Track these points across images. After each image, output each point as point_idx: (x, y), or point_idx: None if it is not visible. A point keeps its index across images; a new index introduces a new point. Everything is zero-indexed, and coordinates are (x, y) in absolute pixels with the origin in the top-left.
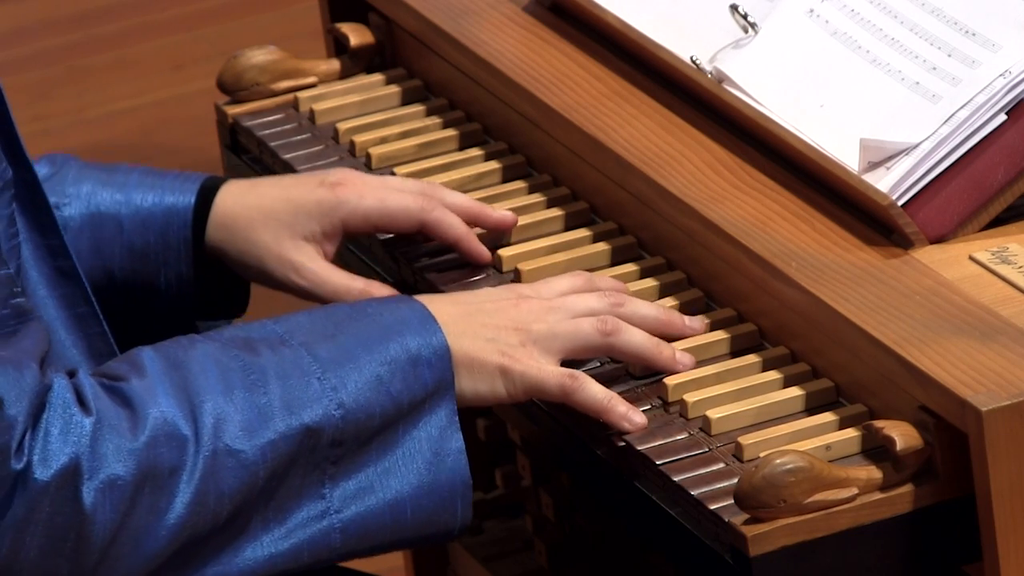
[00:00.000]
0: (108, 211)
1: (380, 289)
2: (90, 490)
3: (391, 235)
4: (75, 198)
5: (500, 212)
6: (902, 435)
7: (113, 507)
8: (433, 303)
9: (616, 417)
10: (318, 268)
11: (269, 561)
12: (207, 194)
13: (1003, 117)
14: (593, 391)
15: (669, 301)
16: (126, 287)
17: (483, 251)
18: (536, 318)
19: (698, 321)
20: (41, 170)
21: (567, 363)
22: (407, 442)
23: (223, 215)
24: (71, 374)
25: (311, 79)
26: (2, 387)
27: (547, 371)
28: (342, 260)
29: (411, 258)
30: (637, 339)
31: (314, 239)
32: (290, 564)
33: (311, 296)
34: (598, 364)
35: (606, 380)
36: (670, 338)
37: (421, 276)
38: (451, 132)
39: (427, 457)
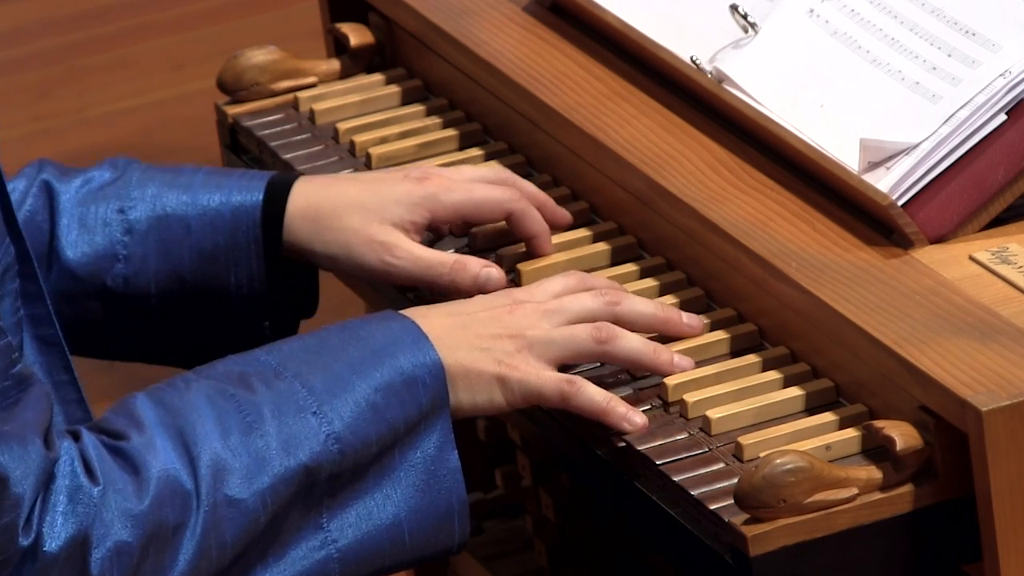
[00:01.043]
0: (175, 213)
1: (472, 261)
2: (97, 559)
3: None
4: (140, 201)
5: (562, 210)
6: (902, 435)
7: (120, 573)
8: (426, 317)
9: (616, 419)
10: (411, 247)
11: None
12: (275, 191)
13: (1003, 117)
14: (591, 395)
15: (669, 299)
16: (196, 290)
17: (551, 251)
18: (531, 324)
19: (696, 319)
20: (104, 174)
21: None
22: (403, 466)
23: (305, 208)
24: (75, 436)
25: (311, 79)
26: (7, 465)
27: (544, 377)
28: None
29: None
30: (633, 344)
31: (402, 226)
32: None
33: (405, 277)
34: (598, 364)
35: (606, 381)
36: (668, 336)
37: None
38: (451, 132)
39: (423, 479)
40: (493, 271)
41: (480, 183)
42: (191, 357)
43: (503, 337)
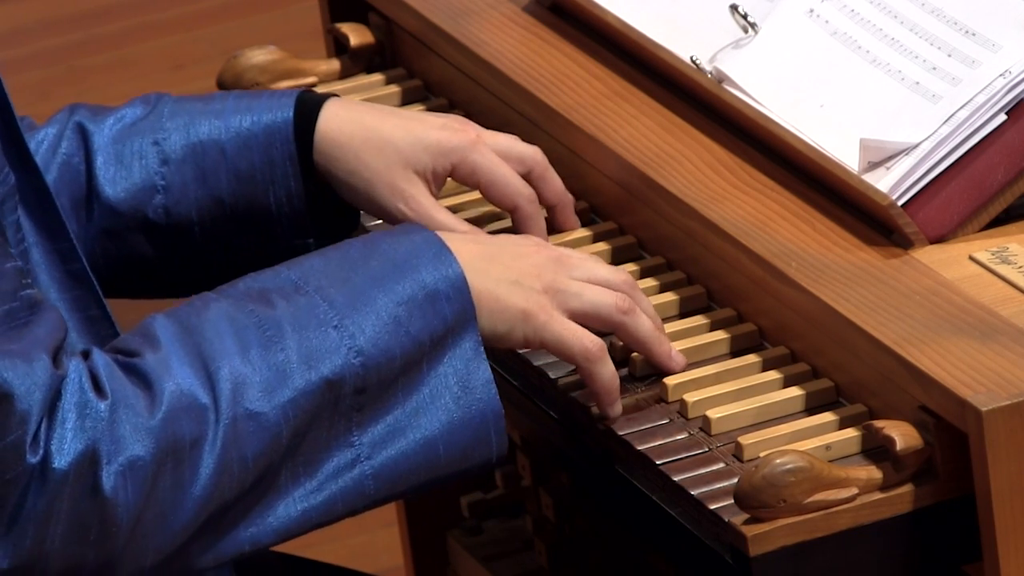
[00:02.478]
0: (209, 139)
1: (484, 236)
2: (109, 475)
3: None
4: (174, 131)
5: (574, 217)
6: (902, 435)
7: (135, 488)
8: (453, 240)
9: (608, 402)
10: (428, 203)
11: (303, 516)
12: (306, 107)
13: (1003, 117)
14: (608, 373)
15: (670, 295)
16: (237, 213)
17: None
18: (556, 270)
19: (683, 358)
20: (136, 110)
21: None
22: (432, 379)
23: (335, 132)
24: (85, 355)
25: (311, 79)
26: (12, 382)
27: (572, 328)
28: None
29: None
30: (646, 325)
31: (424, 176)
32: (324, 517)
33: None
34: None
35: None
36: (653, 356)
37: None
38: None
39: (454, 392)
40: None
41: (506, 166)
42: None
43: (531, 275)
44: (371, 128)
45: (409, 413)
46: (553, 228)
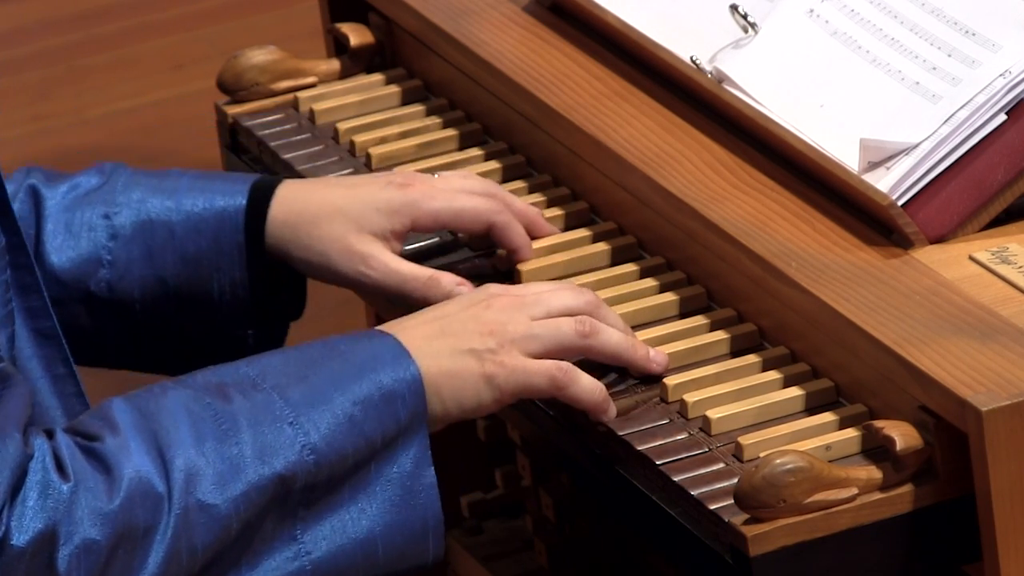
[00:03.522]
0: (159, 218)
1: (446, 278)
2: (64, 556)
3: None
4: (125, 206)
5: (549, 226)
6: (902, 435)
7: (87, 572)
8: (405, 329)
9: (600, 411)
10: (387, 259)
11: None
12: (259, 194)
13: (1003, 117)
14: (585, 385)
15: (669, 295)
16: (179, 295)
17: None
18: (510, 317)
19: (663, 356)
20: (91, 180)
21: None
22: (379, 480)
23: (286, 213)
24: (49, 434)
25: (311, 79)
26: None
27: (532, 367)
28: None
29: None
30: (615, 339)
31: (382, 235)
32: None
33: (379, 288)
34: (598, 364)
35: (602, 378)
36: (631, 364)
37: None
38: (451, 132)
39: (399, 494)
40: (465, 288)
41: (464, 192)
42: (176, 364)
43: (484, 335)
44: (319, 203)
45: (353, 513)
46: (533, 239)
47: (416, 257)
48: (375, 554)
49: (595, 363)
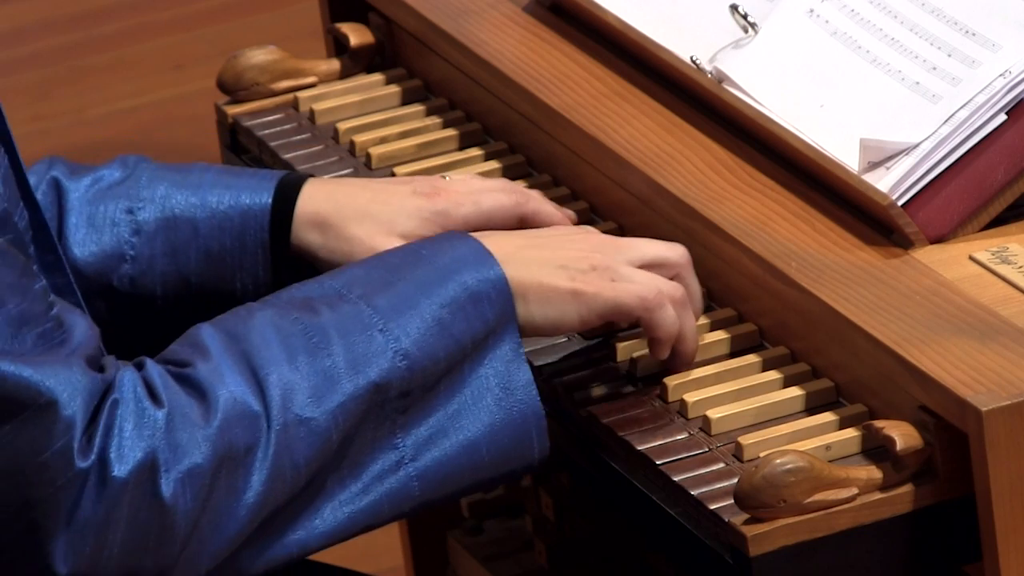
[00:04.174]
0: (183, 214)
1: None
2: (169, 482)
3: None
4: (149, 202)
5: (567, 211)
6: (902, 435)
7: (193, 496)
8: (495, 238)
9: (685, 354)
10: None
11: (349, 519)
12: (285, 192)
13: (1003, 117)
14: (670, 315)
15: None
16: (202, 292)
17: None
18: (605, 252)
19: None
20: (114, 173)
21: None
22: (474, 381)
23: (313, 213)
24: (139, 366)
25: (311, 79)
26: (55, 389)
27: (622, 288)
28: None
29: None
30: (691, 324)
31: (410, 239)
32: (370, 519)
33: None
34: (598, 364)
35: (604, 378)
36: (679, 354)
37: None
38: (451, 132)
39: (496, 393)
40: None
41: (487, 192)
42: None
43: (578, 259)
44: (346, 205)
45: (451, 415)
46: None
47: None
48: (479, 456)
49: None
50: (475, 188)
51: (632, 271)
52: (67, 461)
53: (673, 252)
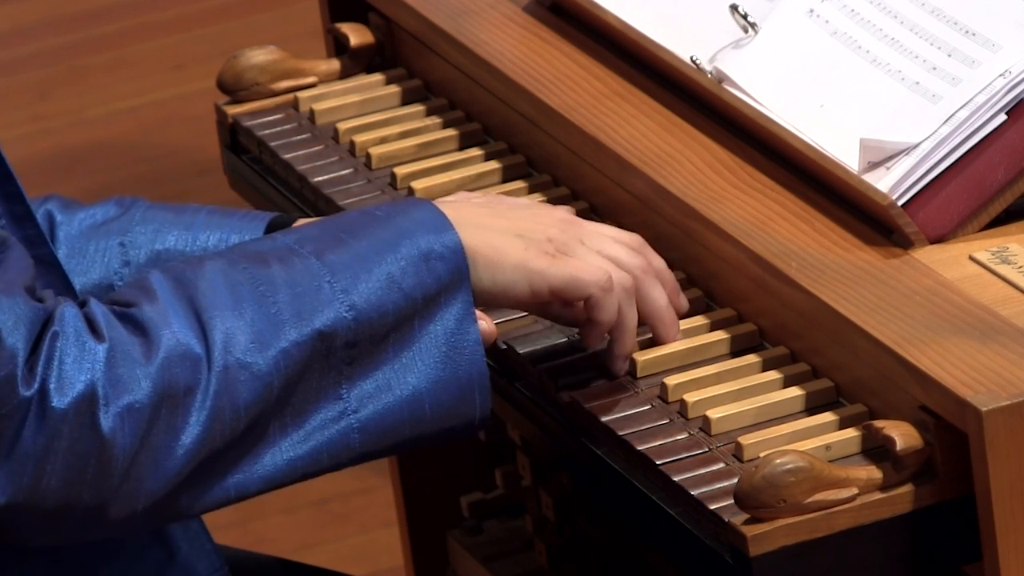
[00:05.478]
0: (173, 249)
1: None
2: (108, 416)
3: None
4: (141, 235)
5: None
6: (902, 435)
7: (132, 431)
8: (450, 203)
9: (668, 327)
10: None
11: (289, 465)
12: (274, 232)
13: (1003, 117)
14: (614, 302)
15: None
16: None
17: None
18: (565, 230)
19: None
20: (109, 211)
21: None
22: (423, 337)
23: None
24: (82, 304)
25: (311, 79)
26: None
27: (580, 263)
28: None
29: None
30: (661, 300)
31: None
32: (310, 467)
33: None
34: (598, 364)
35: (604, 377)
36: (660, 327)
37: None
38: (451, 132)
39: (443, 350)
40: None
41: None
42: None
43: (536, 230)
44: None
45: (398, 369)
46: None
47: None
48: (422, 411)
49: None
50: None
51: (588, 251)
52: (11, 389)
53: (630, 258)
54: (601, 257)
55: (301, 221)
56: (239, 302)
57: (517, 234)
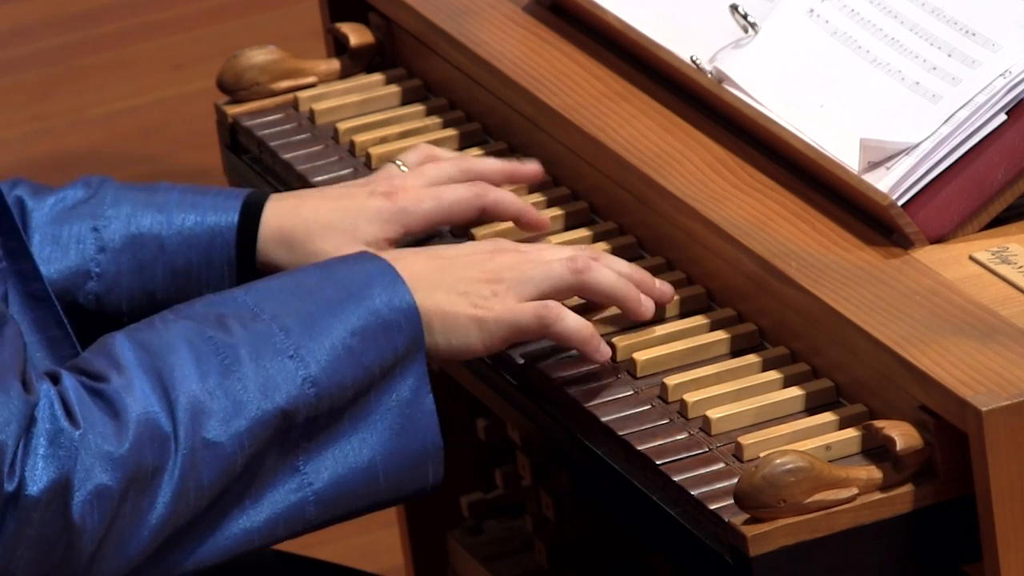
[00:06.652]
0: (149, 232)
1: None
2: (79, 502)
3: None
4: (114, 219)
5: (529, 165)
6: (902, 435)
7: (101, 516)
8: (405, 259)
9: (592, 349)
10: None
11: (245, 536)
12: (250, 210)
13: (1003, 117)
14: (572, 321)
15: None
16: (166, 308)
17: (543, 219)
18: (509, 267)
19: (668, 287)
20: (77, 193)
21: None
22: (378, 409)
23: (278, 229)
24: (55, 378)
25: (311, 79)
26: None
27: (519, 309)
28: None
29: None
30: (609, 277)
31: (375, 245)
32: (267, 538)
33: None
34: (598, 364)
35: (604, 377)
36: (621, 306)
37: None
38: (451, 132)
39: (399, 422)
40: None
41: (447, 187)
42: None
43: (480, 282)
44: (310, 219)
45: (354, 442)
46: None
47: None
48: (376, 481)
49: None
50: (432, 179)
51: (527, 285)
52: None
53: (573, 250)
54: (542, 285)
55: (275, 197)
56: (205, 375)
57: (462, 292)
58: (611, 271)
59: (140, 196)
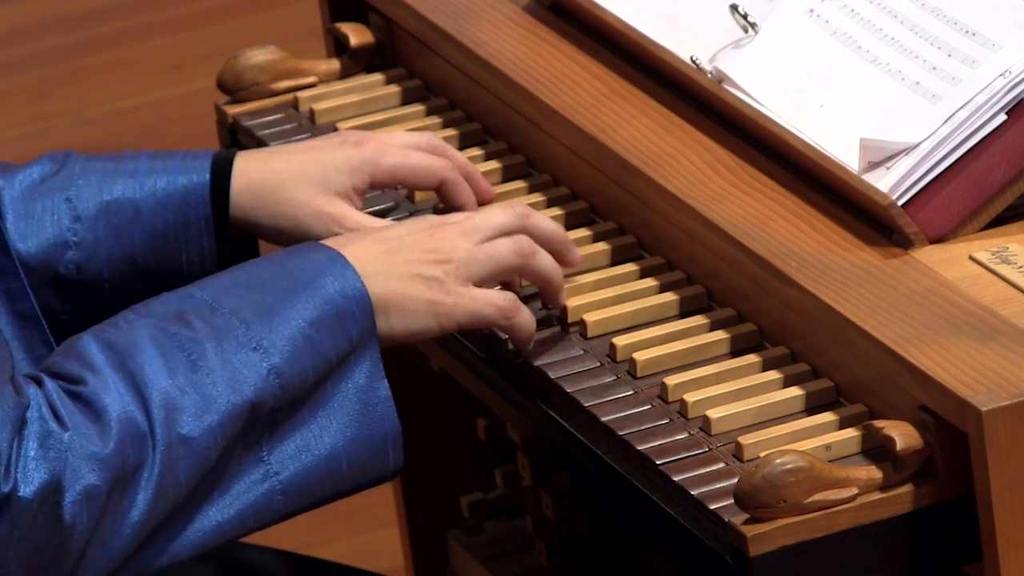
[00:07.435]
0: (122, 197)
1: (383, 229)
2: (69, 503)
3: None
4: (85, 187)
5: (486, 184)
6: (902, 435)
7: (90, 516)
8: (352, 244)
9: (526, 345)
10: (357, 216)
11: (217, 530)
12: (220, 167)
13: (1003, 117)
14: (527, 318)
15: (670, 296)
16: (148, 271)
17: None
18: (453, 245)
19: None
20: (44, 168)
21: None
22: (336, 397)
23: (249, 183)
24: (37, 381)
25: (311, 79)
26: None
27: (479, 297)
28: None
29: None
30: (548, 264)
31: (346, 195)
32: (238, 530)
33: None
34: (598, 364)
35: (604, 377)
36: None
37: None
38: (451, 132)
39: (357, 408)
40: None
41: (416, 150)
42: None
43: (430, 262)
44: (280, 171)
45: (315, 430)
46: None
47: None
48: (340, 468)
49: None
50: (404, 142)
51: (479, 253)
52: None
53: (509, 217)
54: (490, 266)
55: (242, 153)
56: (173, 372)
57: (414, 274)
58: (549, 258)
59: (108, 165)
